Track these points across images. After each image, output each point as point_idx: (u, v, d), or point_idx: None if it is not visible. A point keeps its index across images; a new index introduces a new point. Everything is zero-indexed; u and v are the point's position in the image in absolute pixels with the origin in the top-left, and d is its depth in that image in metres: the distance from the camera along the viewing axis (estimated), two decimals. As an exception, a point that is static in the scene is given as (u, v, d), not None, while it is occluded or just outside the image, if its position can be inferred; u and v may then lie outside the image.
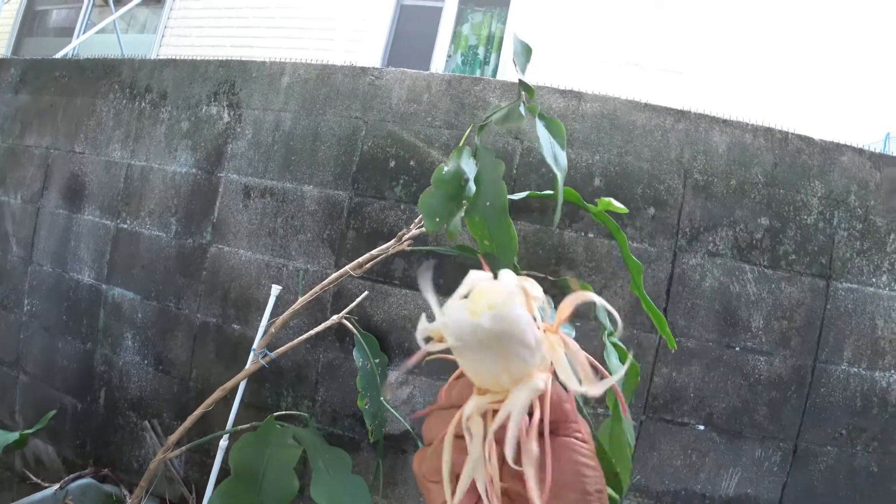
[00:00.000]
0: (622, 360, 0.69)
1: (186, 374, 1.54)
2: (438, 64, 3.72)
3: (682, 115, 1.35)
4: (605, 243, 1.28)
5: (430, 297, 0.27)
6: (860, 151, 1.40)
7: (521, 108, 0.74)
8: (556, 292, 1.15)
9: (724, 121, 1.36)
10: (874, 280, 1.36)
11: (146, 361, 1.61)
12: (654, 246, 1.28)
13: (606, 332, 0.68)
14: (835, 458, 1.33)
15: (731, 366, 1.29)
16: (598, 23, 3.55)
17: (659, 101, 1.38)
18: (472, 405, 0.26)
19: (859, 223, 1.37)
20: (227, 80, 1.54)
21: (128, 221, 1.64)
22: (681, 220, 1.29)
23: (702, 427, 1.29)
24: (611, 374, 0.27)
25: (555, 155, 0.73)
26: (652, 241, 1.28)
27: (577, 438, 0.27)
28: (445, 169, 0.71)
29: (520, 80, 0.74)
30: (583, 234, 1.29)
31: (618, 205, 0.82)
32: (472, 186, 0.70)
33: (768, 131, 1.36)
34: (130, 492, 1.63)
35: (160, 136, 1.61)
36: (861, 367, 1.34)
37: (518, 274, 0.30)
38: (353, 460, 1.08)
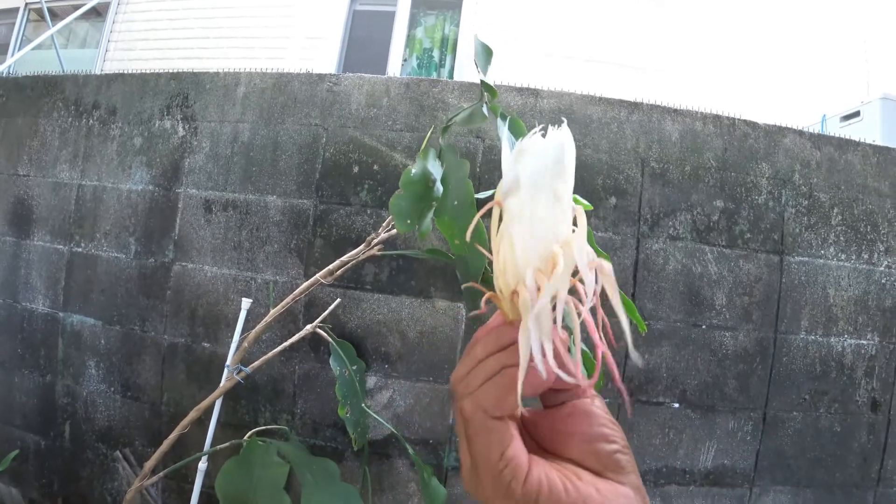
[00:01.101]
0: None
1: (157, 399, 1.48)
2: (394, 68, 3.72)
3: (635, 106, 1.40)
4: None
5: (505, 149, 0.29)
6: (801, 133, 1.48)
7: (484, 109, 0.75)
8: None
9: (675, 110, 1.42)
10: (822, 252, 1.45)
11: (112, 389, 1.54)
12: (618, 234, 1.32)
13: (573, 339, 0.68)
14: (801, 422, 1.40)
15: (699, 343, 1.34)
16: (551, 21, 3.63)
17: (614, 95, 1.43)
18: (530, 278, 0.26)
19: (805, 200, 1.45)
20: (180, 92, 1.49)
21: (82, 244, 1.56)
22: (641, 207, 1.34)
23: (676, 405, 1.34)
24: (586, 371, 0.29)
25: None
26: (616, 229, 1.32)
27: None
28: (413, 171, 0.72)
29: (481, 81, 0.75)
30: (549, 226, 1.32)
31: (583, 202, 0.84)
32: (439, 187, 0.70)
33: (717, 118, 1.42)
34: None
35: (112, 153, 1.55)
36: (818, 335, 1.42)
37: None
38: (339, 469, 1.07)
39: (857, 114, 2.49)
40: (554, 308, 0.26)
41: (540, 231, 0.27)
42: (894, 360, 1.47)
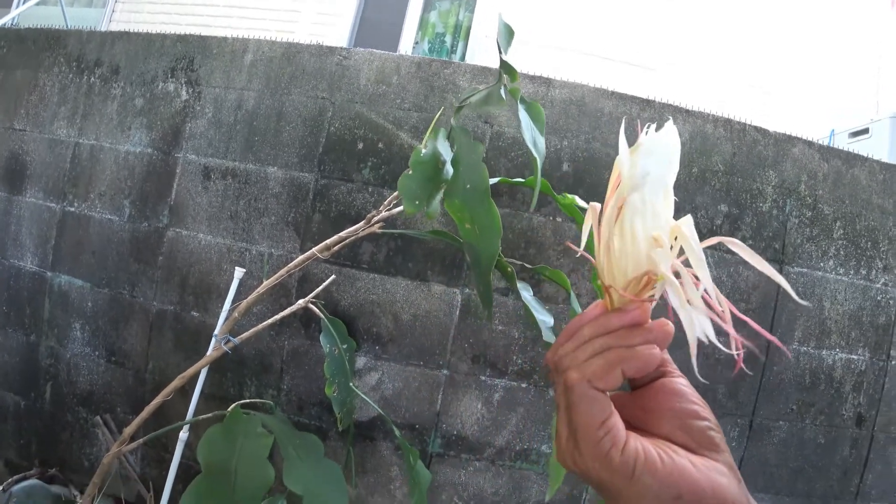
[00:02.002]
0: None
1: (142, 366, 1.47)
2: (405, 50, 3.67)
3: (647, 103, 1.38)
4: (572, 227, 1.30)
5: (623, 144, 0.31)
6: (810, 144, 1.47)
7: (502, 91, 0.73)
8: (524, 275, 1.15)
9: (687, 111, 1.40)
10: (822, 264, 1.44)
11: (97, 353, 1.52)
12: (622, 230, 1.31)
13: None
14: (786, 431, 1.40)
15: (693, 346, 1.34)
16: (565, 15, 3.59)
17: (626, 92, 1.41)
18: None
19: (809, 211, 1.44)
20: (186, 55, 1.46)
21: (75, 204, 1.53)
22: (646, 205, 1.32)
23: (665, 406, 1.34)
24: None
25: (534, 140, 0.73)
26: (619, 225, 1.31)
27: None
28: (423, 151, 0.70)
29: (502, 62, 0.73)
30: (551, 218, 1.30)
31: (582, 203, 0.83)
32: (449, 168, 0.69)
33: (727, 122, 1.41)
34: (81, 492, 1.54)
35: (112, 113, 1.51)
36: (810, 346, 1.42)
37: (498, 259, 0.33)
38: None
39: (865, 131, 2.48)
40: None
41: (659, 222, 0.29)
42: (882, 376, 1.47)
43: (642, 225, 0.29)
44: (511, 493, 1.34)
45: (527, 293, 0.85)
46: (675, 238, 0.29)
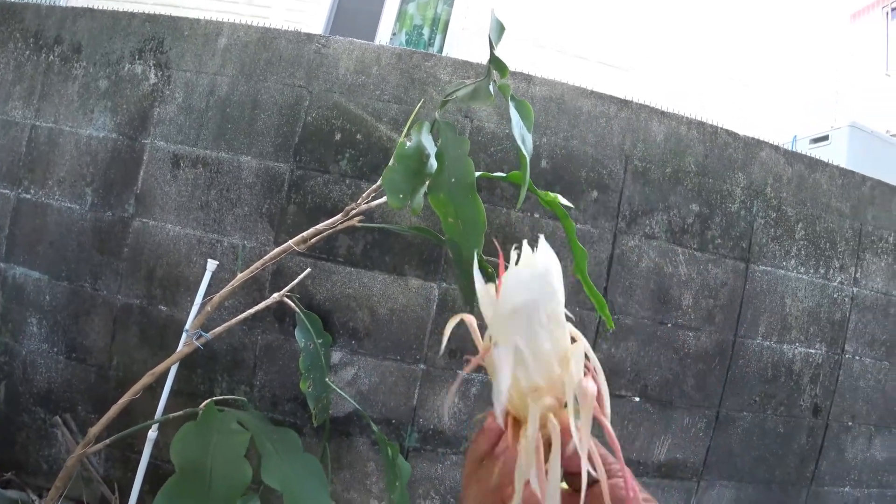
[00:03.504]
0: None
1: (105, 362, 1.40)
2: (383, 41, 3.62)
3: (624, 104, 1.41)
4: (550, 224, 1.31)
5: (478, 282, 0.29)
6: (776, 148, 1.53)
7: (491, 87, 0.72)
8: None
9: (663, 112, 1.43)
10: (784, 263, 1.51)
11: (56, 349, 1.44)
12: (597, 227, 1.33)
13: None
14: (749, 421, 1.46)
15: (663, 341, 1.38)
16: (545, 12, 3.61)
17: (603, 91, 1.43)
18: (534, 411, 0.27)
19: (774, 212, 1.50)
20: (155, 36, 1.39)
21: (32, 191, 1.44)
22: (621, 203, 1.35)
23: (637, 399, 1.37)
24: None
25: (523, 137, 0.73)
26: (595, 222, 1.33)
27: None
28: (407, 144, 0.69)
29: (492, 56, 0.71)
30: (529, 214, 1.31)
31: (564, 202, 0.83)
32: (433, 162, 0.68)
33: (701, 125, 1.45)
34: (40, 496, 1.47)
35: (73, 94, 1.43)
36: (772, 341, 1.48)
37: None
38: (296, 445, 1.04)
39: (825, 137, 2.60)
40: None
41: (541, 362, 0.27)
42: (837, 369, 1.56)
43: (523, 373, 0.27)
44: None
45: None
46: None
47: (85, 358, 1.41)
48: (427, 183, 0.64)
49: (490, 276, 0.82)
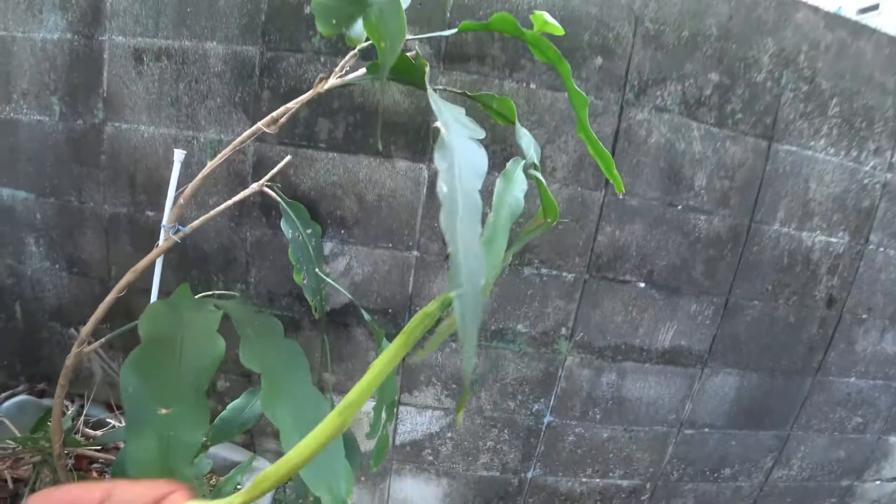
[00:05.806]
0: (547, 206, 0.60)
1: (105, 273, 1.40)
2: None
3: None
4: (547, 95, 1.19)
5: None
6: (815, 10, 1.33)
7: None
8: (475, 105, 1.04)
9: (680, -36, 1.23)
10: (812, 143, 1.37)
11: (58, 266, 1.44)
12: (601, 99, 1.20)
13: (523, 164, 0.58)
14: (759, 310, 1.42)
15: (672, 224, 1.29)
16: None
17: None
18: None
19: (806, 85, 1.34)
20: None
21: (-2, 105, 1.37)
22: (629, 72, 1.21)
23: (642, 284, 1.32)
24: None
25: None
26: (599, 93, 1.20)
27: None
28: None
29: None
30: (524, 84, 1.18)
31: (553, 22, 0.71)
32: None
33: (725, -22, 1.25)
34: (72, 402, 1.56)
35: (15, -12, 1.30)
36: (791, 227, 1.39)
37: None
38: (296, 339, 1.03)
39: (875, 6, 2.29)
40: None
41: None
42: (858, 260, 1.47)
43: None
44: (489, 371, 1.37)
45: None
46: None
47: (86, 271, 1.42)
48: (367, 10, 0.54)
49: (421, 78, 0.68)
